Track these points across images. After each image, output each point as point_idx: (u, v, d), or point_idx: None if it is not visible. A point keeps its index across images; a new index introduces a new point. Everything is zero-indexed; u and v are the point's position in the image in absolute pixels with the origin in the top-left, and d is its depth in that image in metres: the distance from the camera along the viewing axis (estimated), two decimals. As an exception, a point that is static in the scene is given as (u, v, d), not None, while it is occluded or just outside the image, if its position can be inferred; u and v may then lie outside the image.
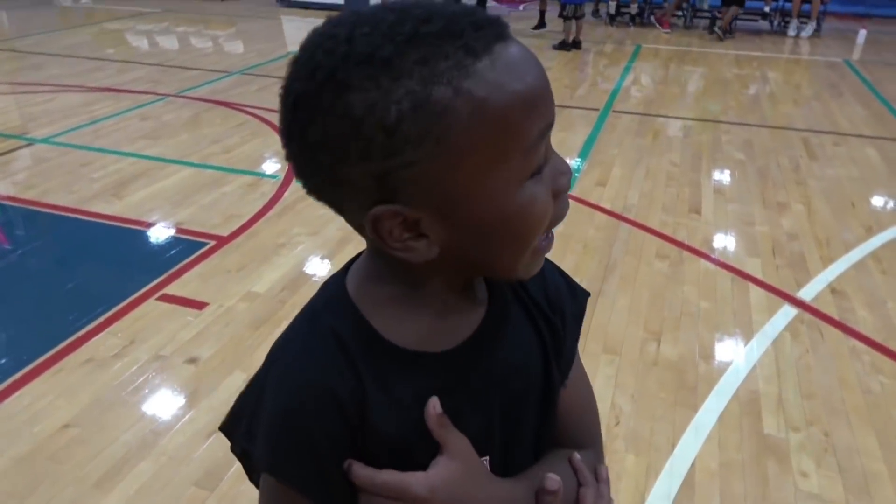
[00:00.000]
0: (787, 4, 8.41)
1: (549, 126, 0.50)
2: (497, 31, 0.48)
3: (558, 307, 0.67)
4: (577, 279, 0.73)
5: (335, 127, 0.46)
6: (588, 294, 0.72)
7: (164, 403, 2.14)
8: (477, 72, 0.45)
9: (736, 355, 2.42)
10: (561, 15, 7.26)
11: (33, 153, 4.21)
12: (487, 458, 0.60)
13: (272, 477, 0.56)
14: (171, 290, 2.73)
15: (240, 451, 0.58)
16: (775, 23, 8.80)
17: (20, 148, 4.27)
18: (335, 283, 0.60)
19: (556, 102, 0.55)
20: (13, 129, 4.57)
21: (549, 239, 0.56)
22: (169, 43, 7.81)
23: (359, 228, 0.53)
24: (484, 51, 0.46)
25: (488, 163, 0.48)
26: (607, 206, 3.55)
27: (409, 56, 0.45)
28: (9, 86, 5.66)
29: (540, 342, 0.65)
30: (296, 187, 3.70)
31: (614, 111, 5.28)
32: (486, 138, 0.47)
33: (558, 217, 0.54)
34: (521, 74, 0.47)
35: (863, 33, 8.12)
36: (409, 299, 0.57)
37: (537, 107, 0.48)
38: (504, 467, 0.62)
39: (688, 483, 1.88)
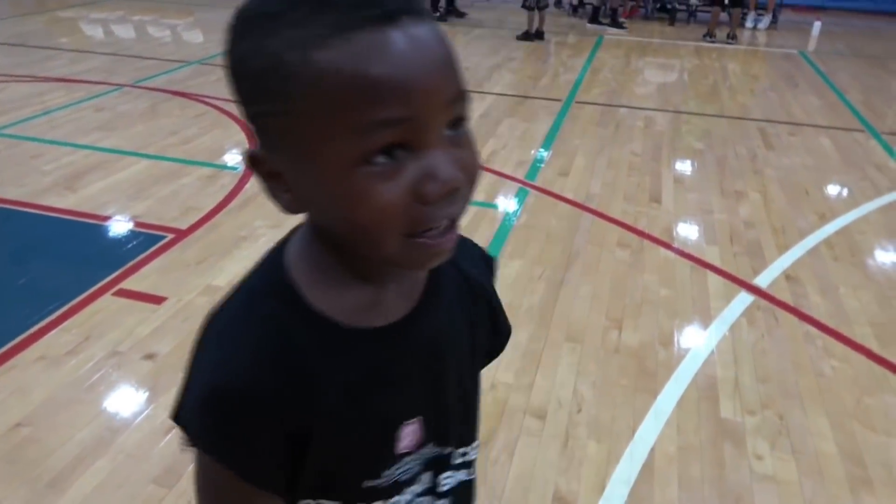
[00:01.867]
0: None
1: (400, 121, 0.47)
2: (386, 12, 0.46)
3: (486, 283, 0.71)
4: (539, 268, 0.78)
5: (228, 70, 0.53)
6: (495, 258, 0.76)
7: (121, 400, 2.10)
8: (329, 45, 0.46)
9: (695, 341, 2.47)
10: (524, 5, 7.27)
11: (-19, 145, 4.06)
12: (419, 418, 0.64)
13: (197, 449, 0.57)
14: (128, 284, 2.67)
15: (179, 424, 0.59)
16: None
17: (-33, 140, 4.11)
18: (271, 261, 0.60)
19: (519, 93, 0.54)
20: (-40, 121, 4.40)
21: (435, 236, 0.52)
22: (124, 32, 7.60)
23: None
24: (349, 28, 0.46)
25: (320, 134, 0.48)
26: (570, 196, 3.58)
27: (285, 18, 0.47)
28: (-45, 75, 5.45)
29: (469, 317, 0.68)
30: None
31: (577, 102, 5.32)
32: (320, 109, 0.47)
33: (425, 221, 0.50)
34: (374, 59, 0.46)
35: (817, 25, 8.31)
36: (342, 273, 0.58)
37: (380, 95, 0.46)
38: (437, 430, 0.66)
39: (647, 467, 1.91)
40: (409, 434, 0.63)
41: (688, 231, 3.31)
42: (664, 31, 8.49)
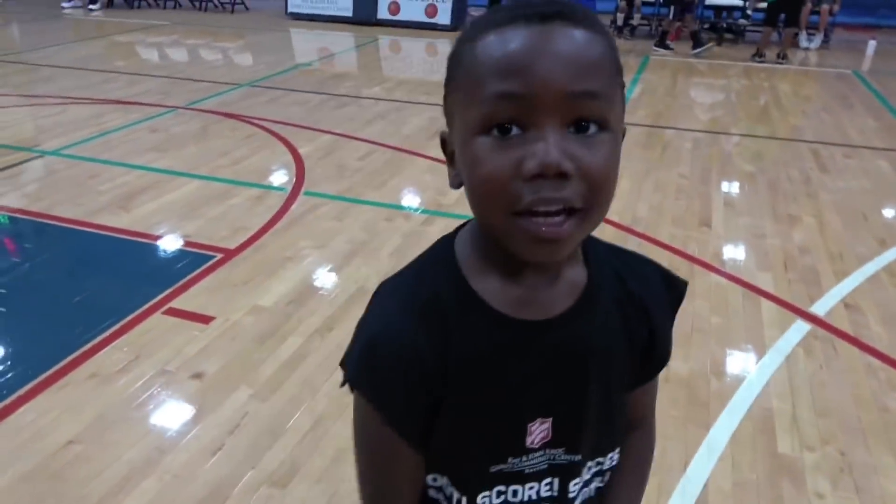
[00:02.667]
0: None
1: (513, 96, 0.54)
2: (540, 13, 0.54)
3: (654, 305, 0.72)
4: None
5: None
6: (686, 283, 0.77)
7: (168, 420, 2.12)
8: (486, 36, 0.56)
9: (748, 371, 2.38)
10: None
11: (43, 165, 4.22)
12: (550, 419, 0.67)
13: (353, 387, 0.65)
14: (177, 303, 2.72)
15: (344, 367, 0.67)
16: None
17: (30, 160, 4.28)
18: (443, 243, 0.68)
19: None
20: (24, 142, 4.59)
21: (539, 221, 0.55)
22: (178, 55, 7.86)
23: None
24: (505, 24, 0.55)
25: (463, 105, 0.57)
26: (615, 220, 3.52)
27: (477, 22, 0.59)
28: (20, 98, 5.70)
29: (628, 335, 0.69)
30: (303, 200, 3.70)
31: (622, 123, 5.26)
32: (467, 84, 0.57)
33: (525, 199, 0.54)
34: (510, 45, 0.54)
35: (872, 44, 8.08)
36: (501, 264, 0.63)
37: (503, 72, 0.54)
38: (569, 436, 0.68)
39: (701, 504, 1.84)
40: (540, 431, 0.67)
41: (739, 256, 3.21)
42: (712, 51, 8.36)
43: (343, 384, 0.65)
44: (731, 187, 4.06)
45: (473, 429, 0.65)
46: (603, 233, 3.32)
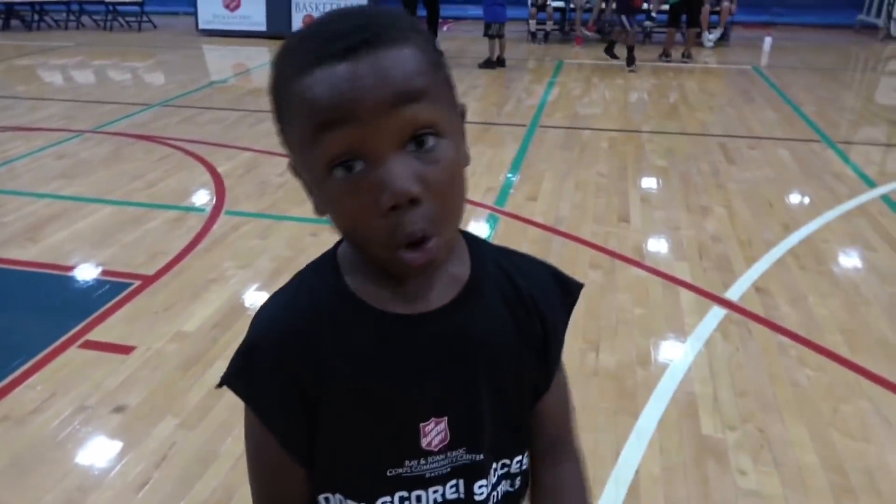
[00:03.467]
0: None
1: (345, 134, 0.54)
2: (347, 45, 0.54)
3: (546, 304, 0.71)
4: None
5: None
6: (581, 285, 0.76)
7: (90, 458, 2.02)
8: (301, 75, 0.55)
9: (671, 359, 2.48)
10: (486, 34, 7.39)
11: (-62, 199, 3.96)
12: (445, 418, 0.66)
13: (229, 388, 0.66)
14: (94, 335, 2.60)
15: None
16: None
17: (-77, 195, 4.01)
18: (327, 251, 0.69)
19: (484, 120, 0.58)
20: (-86, 175, 4.29)
21: (411, 254, 0.57)
22: (84, 77, 7.53)
23: None
24: (317, 61, 0.55)
25: (299, 145, 0.58)
26: (540, 220, 3.60)
27: (291, 51, 0.59)
28: None
29: (516, 330, 0.69)
30: (224, 220, 3.61)
31: (541, 126, 5.39)
32: (296, 124, 0.57)
33: (391, 237, 0.56)
34: (325, 83, 0.54)
35: (768, 40, 8.59)
36: (381, 271, 0.63)
37: (327, 116, 0.54)
38: (468, 435, 0.67)
39: (633, 490, 1.90)
40: (436, 432, 0.66)
41: (657, 248, 3.34)
42: (621, 53, 8.67)
43: (220, 385, 0.66)
44: (647, 182, 4.22)
45: (362, 430, 0.65)
46: (527, 233, 3.40)
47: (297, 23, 9.59)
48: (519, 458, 0.72)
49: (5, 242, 3.35)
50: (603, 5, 9.10)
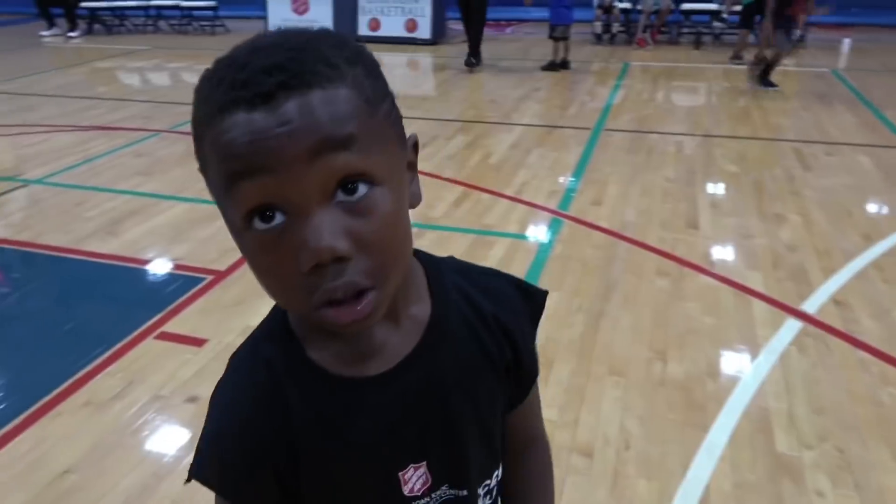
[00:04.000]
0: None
1: (261, 188, 0.48)
2: (259, 93, 0.48)
3: (511, 321, 0.69)
4: (577, 300, 0.79)
5: None
6: (546, 293, 0.74)
7: (165, 445, 2.10)
8: (212, 123, 0.50)
9: (743, 371, 2.40)
10: (550, 36, 7.33)
11: (28, 194, 4.20)
12: (424, 462, 0.65)
13: (197, 481, 0.63)
14: (169, 327, 2.70)
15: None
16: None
17: (14, 190, 4.25)
18: (277, 310, 0.64)
19: (547, 123, 0.54)
20: (7, 172, 4.56)
21: (336, 311, 0.52)
22: (160, 79, 7.85)
23: None
24: (227, 108, 0.49)
25: (215, 194, 0.53)
26: (604, 225, 3.54)
27: (202, 92, 0.52)
28: (2, 127, 5.66)
29: (485, 356, 0.67)
30: (292, 218, 3.68)
31: (606, 129, 5.31)
32: (210, 173, 0.52)
33: (313, 297, 0.51)
34: (235, 141, 0.48)
35: (847, 42, 8.21)
36: (330, 330, 0.58)
37: (241, 171, 0.49)
38: (450, 473, 0.66)
39: (702, 506, 1.84)
40: (416, 477, 0.64)
41: (728, 257, 3.24)
42: (690, 55, 8.47)
43: (188, 480, 0.63)
44: (717, 188, 4.10)
45: (343, 489, 0.63)
46: (591, 238, 3.35)
47: (363, 26, 9.75)
48: (497, 472, 0.73)
49: (88, 236, 3.52)
50: (672, 7, 8.89)
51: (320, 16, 9.92)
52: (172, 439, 2.12)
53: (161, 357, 2.52)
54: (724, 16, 8.83)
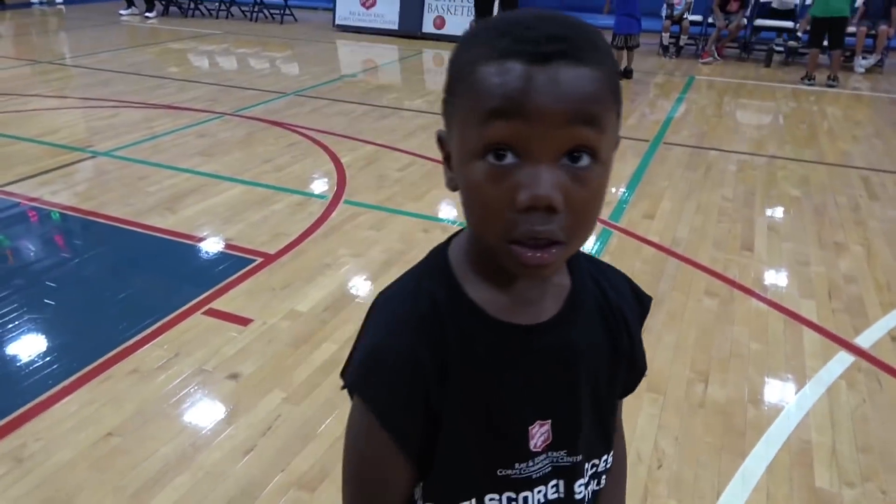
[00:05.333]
0: (851, 40, 8.18)
1: (511, 130, 0.55)
2: (541, 53, 0.55)
3: (630, 315, 0.75)
4: None
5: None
6: (651, 298, 0.80)
7: (204, 418, 2.17)
8: (489, 64, 0.57)
9: (787, 401, 2.32)
10: (612, 44, 7.24)
11: (95, 165, 4.37)
12: (549, 421, 0.69)
13: (352, 391, 0.67)
14: (217, 304, 2.78)
15: (342, 375, 0.70)
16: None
17: (83, 160, 4.44)
18: (437, 253, 0.70)
19: None
20: (78, 142, 4.76)
21: (527, 250, 0.58)
22: (228, 63, 8.06)
23: None
24: (508, 56, 0.56)
25: (463, 122, 0.59)
26: (655, 240, 3.48)
27: (479, 38, 0.60)
28: (77, 100, 5.92)
29: (610, 339, 0.73)
30: (343, 208, 3.75)
31: (665, 143, 5.21)
32: (468, 103, 0.58)
33: (516, 230, 0.57)
34: (510, 79, 0.55)
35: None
36: (494, 271, 0.65)
37: (501, 108, 0.55)
38: (568, 437, 0.71)
39: (733, 534, 1.80)
40: (541, 434, 0.69)
41: (782, 283, 3.14)
42: (760, 73, 8.23)
43: (343, 387, 0.67)
44: (776, 212, 3.98)
45: (477, 433, 0.67)
46: (641, 252, 3.30)
47: (428, 24, 9.80)
48: (606, 456, 0.76)
49: (148, 211, 3.65)
50: (744, 23, 8.66)
51: (387, 10, 10.02)
52: (212, 413, 2.19)
53: (207, 333, 2.59)
54: (799, 34, 8.55)
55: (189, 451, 2.02)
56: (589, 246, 3.39)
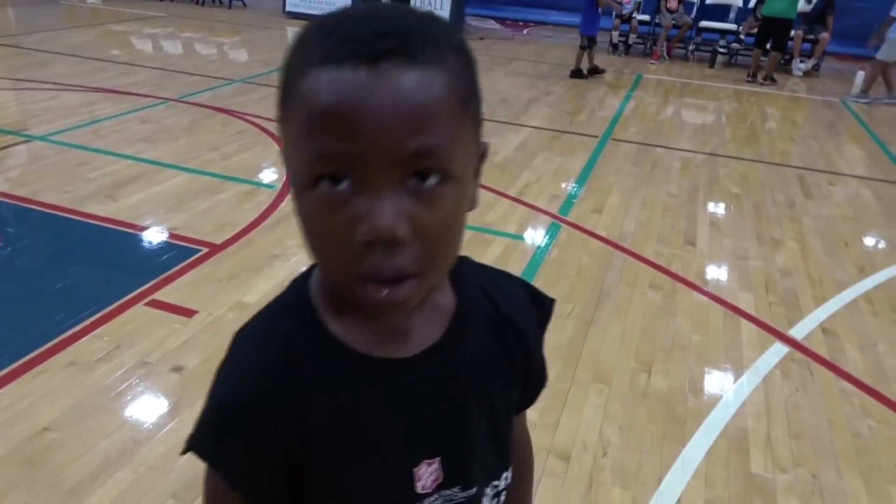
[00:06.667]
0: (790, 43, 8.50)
1: (337, 155, 0.48)
2: (370, 52, 0.47)
3: (524, 324, 0.69)
4: (569, 305, 0.78)
5: None
6: (553, 301, 0.74)
7: (146, 411, 2.11)
8: (310, 73, 0.49)
9: (726, 391, 2.41)
10: (581, 46, 7.30)
11: (30, 150, 4.19)
12: (438, 458, 0.62)
13: (193, 453, 0.59)
14: (160, 295, 2.70)
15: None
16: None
17: (17, 144, 4.24)
18: (297, 284, 0.62)
19: (555, 127, 0.54)
20: (11, 125, 4.55)
21: (374, 289, 0.50)
22: (173, 48, 7.83)
23: None
24: (331, 61, 0.48)
25: (291, 147, 0.51)
26: (603, 234, 3.55)
27: (304, 40, 0.52)
28: (11, 81, 5.64)
29: (502, 355, 0.66)
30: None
31: (613, 139, 5.32)
32: (293, 125, 0.50)
33: (359, 268, 0.50)
34: (334, 92, 0.47)
35: (861, 74, 8.21)
36: (359, 308, 0.57)
37: (325, 126, 0.48)
38: (460, 472, 0.64)
39: (673, 519, 1.86)
40: (429, 473, 0.62)
41: (722, 276, 3.25)
42: (704, 73, 8.47)
43: (185, 451, 0.59)
44: (717, 208, 4.11)
45: (355, 480, 0.60)
46: (588, 246, 3.36)
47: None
48: (505, 474, 0.71)
49: (87, 198, 3.52)
50: (690, 23, 8.89)
51: (342, 1, 9.89)
52: (154, 406, 2.13)
53: (150, 324, 2.52)
54: (742, 36, 8.84)
55: (130, 446, 1.96)
56: (538, 240, 3.44)
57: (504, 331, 0.66)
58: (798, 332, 2.80)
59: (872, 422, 2.30)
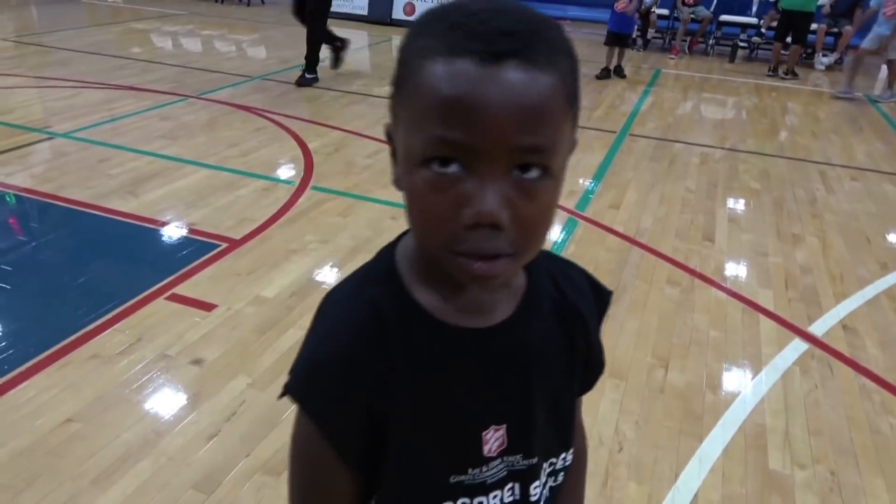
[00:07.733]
0: (812, 37, 8.38)
1: (455, 144, 0.51)
2: (492, 52, 0.51)
3: (586, 312, 0.73)
4: None
5: None
6: (611, 292, 0.77)
7: (166, 403, 2.14)
8: (437, 61, 0.52)
9: (744, 387, 2.39)
10: (606, 43, 7.24)
11: (53, 147, 4.25)
12: (504, 425, 0.67)
13: (290, 397, 0.64)
14: (180, 290, 2.74)
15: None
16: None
17: (41, 141, 4.32)
18: (384, 254, 0.67)
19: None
20: (35, 123, 4.62)
21: (471, 262, 0.55)
22: (192, 45, 7.90)
23: None
24: (457, 53, 0.51)
25: (409, 128, 0.55)
26: (620, 230, 3.54)
27: (428, 28, 0.55)
28: (34, 79, 5.74)
29: (566, 339, 0.70)
30: (310, 194, 3.72)
31: (631, 135, 5.28)
32: (414, 108, 0.54)
33: (460, 244, 0.54)
34: (457, 84, 0.51)
35: (884, 68, 8.07)
36: (443, 279, 0.62)
37: (445, 116, 0.51)
38: (523, 441, 0.68)
39: (689, 515, 1.85)
40: (495, 439, 0.67)
41: (741, 272, 3.22)
42: (724, 68, 8.38)
43: (282, 395, 0.64)
44: (737, 204, 4.07)
45: (428, 441, 0.65)
46: (605, 241, 3.35)
47: (398, 10, 9.74)
48: (564, 455, 0.74)
49: (109, 194, 3.57)
50: (711, 17, 8.79)
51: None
52: (174, 398, 2.16)
53: (170, 318, 2.56)
54: (763, 30, 8.72)
55: (151, 437, 1.99)
56: (555, 235, 3.44)
57: (569, 316, 0.71)
58: (818, 328, 2.77)
59: (893, 419, 2.27)
